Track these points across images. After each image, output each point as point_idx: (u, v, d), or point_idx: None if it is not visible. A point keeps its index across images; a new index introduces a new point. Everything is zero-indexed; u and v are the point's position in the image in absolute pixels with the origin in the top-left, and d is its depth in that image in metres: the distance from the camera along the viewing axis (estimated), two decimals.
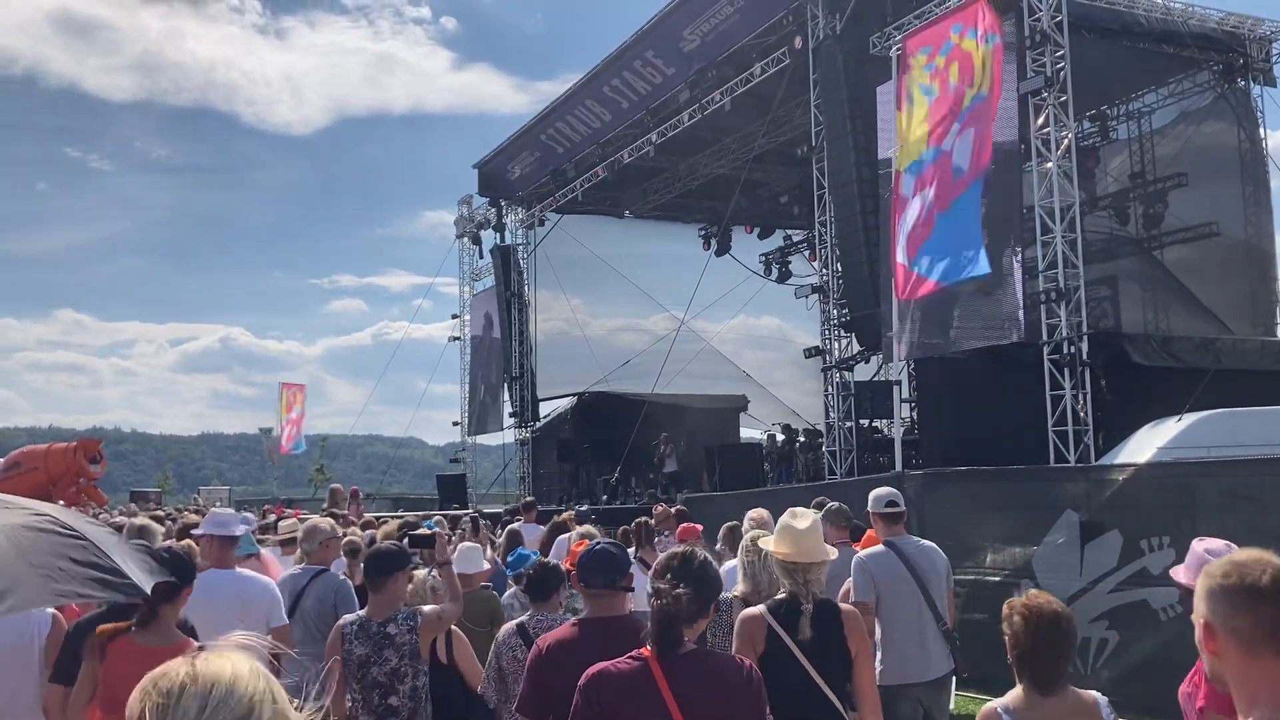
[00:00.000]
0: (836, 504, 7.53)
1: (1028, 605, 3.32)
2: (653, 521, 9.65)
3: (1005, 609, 3.39)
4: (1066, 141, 15.57)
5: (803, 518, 4.38)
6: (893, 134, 13.65)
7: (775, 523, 6.75)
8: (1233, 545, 3.75)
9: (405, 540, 5.72)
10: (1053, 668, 3.26)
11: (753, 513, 6.86)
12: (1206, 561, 3.74)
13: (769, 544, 4.44)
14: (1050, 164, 15.28)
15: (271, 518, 13.48)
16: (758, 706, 3.16)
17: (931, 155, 12.79)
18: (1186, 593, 3.91)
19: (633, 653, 3.16)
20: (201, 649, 4.35)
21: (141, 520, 8.68)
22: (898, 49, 14.41)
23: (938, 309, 15.01)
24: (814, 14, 18.89)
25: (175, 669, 1.54)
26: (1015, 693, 3.32)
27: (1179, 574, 3.96)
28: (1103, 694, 3.46)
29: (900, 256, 12.73)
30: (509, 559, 6.97)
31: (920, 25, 15.30)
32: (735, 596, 4.81)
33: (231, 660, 1.57)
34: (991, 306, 15.07)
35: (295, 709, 1.62)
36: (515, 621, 4.77)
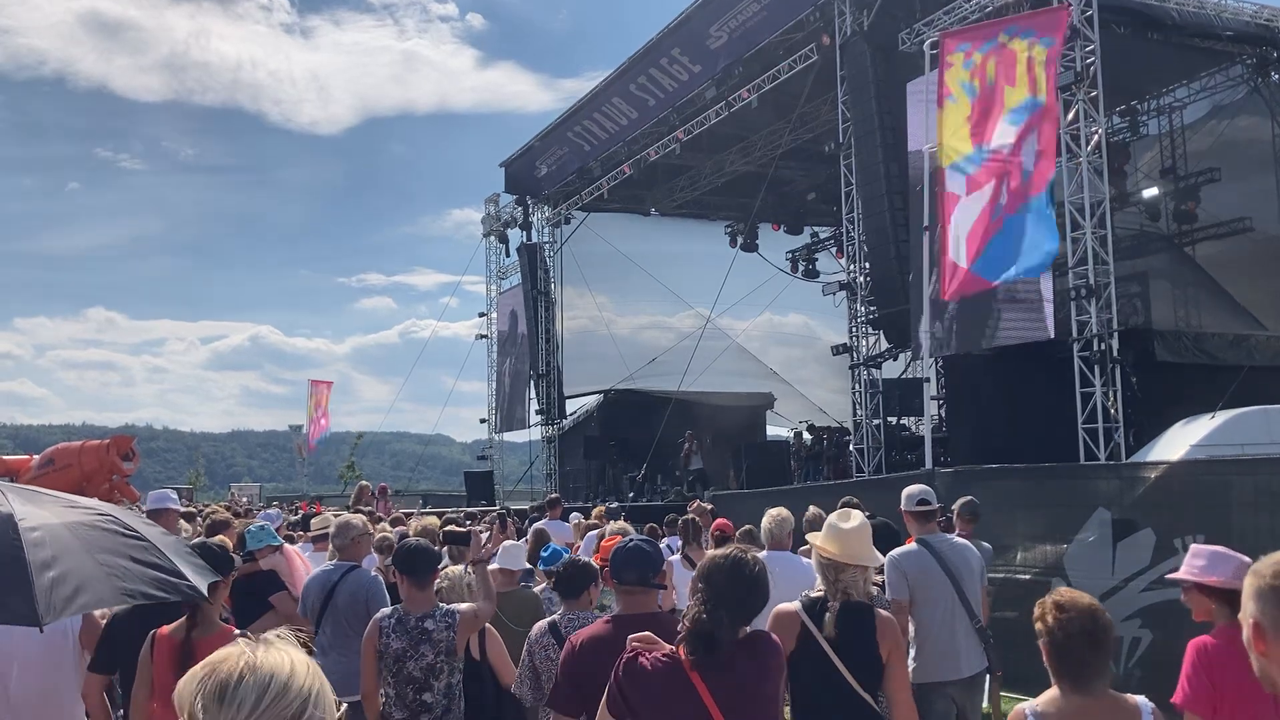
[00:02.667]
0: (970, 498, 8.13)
1: (1060, 601, 3.20)
2: (696, 519, 9.62)
3: (1037, 608, 3.26)
4: (1096, 137, 15.44)
5: (850, 519, 4.34)
6: (930, 130, 13.54)
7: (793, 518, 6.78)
8: (1228, 550, 3.77)
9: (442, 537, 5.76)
10: (1089, 666, 3.12)
11: (772, 511, 6.85)
12: (1219, 559, 3.74)
13: (817, 539, 4.40)
14: (1080, 159, 15.16)
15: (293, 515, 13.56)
16: (777, 674, 3.20)
17: (980, 153, 12.65)
18: (1199, 591, 3.87)
19: (668, 652, 3.14)
20: (241, 636, 4.47)
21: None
22: (932, 46, 14.31)
23: (973, 307, 14.91)
24: (841, 10, 18.82)
25: (234, 658, 1.54)
26: (1049, 694, 3.19)
27: (1183, 574, 3.91)
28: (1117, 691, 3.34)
29: (954, 255, 12.58)
30: (542, 554, 6.98)
31: (965, 26, 15.20)
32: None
33: (290, 654, 1.58)
34: (1023, 304, 14.97)
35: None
36: (547, 620, 4.74)
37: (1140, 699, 3.22)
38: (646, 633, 3.23)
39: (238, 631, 4.39)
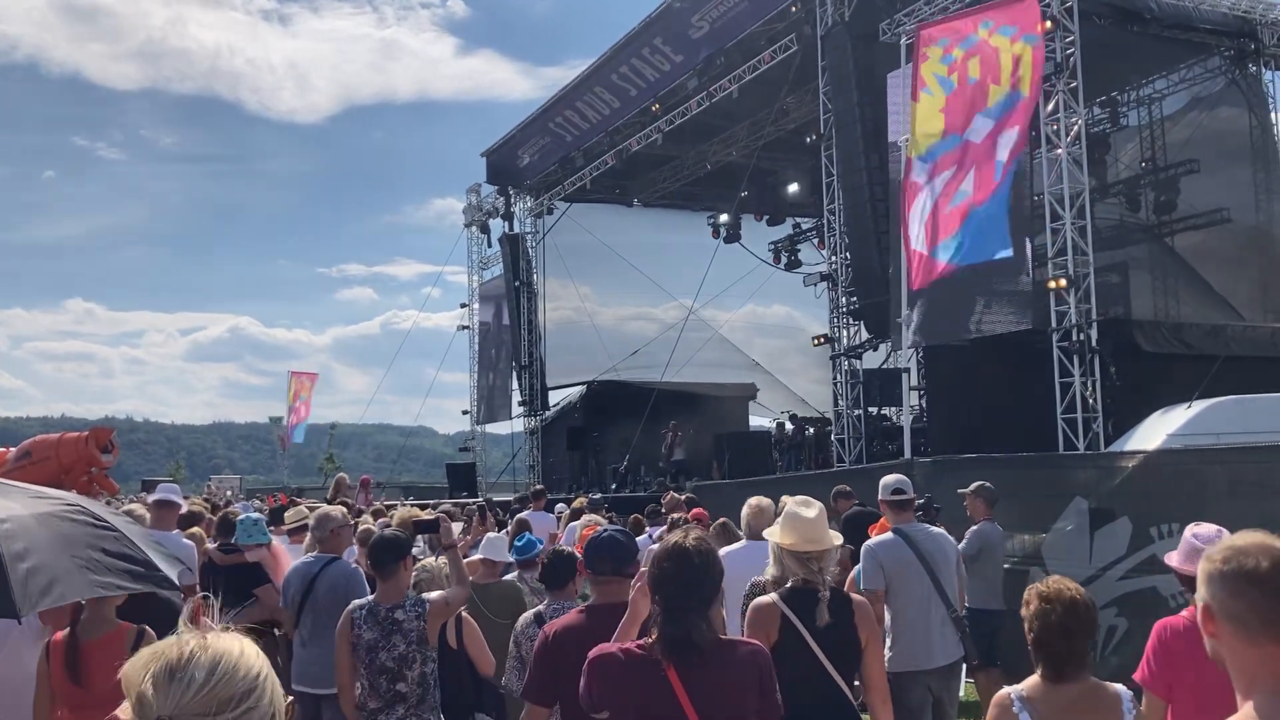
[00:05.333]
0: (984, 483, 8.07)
1: (1045, 590, 3.29)
2: (662, 509, 9.65)
3: (1025, 594, 3.36)
4: (1076, 128, 15.50)
5: (809, 506, 4.37)
6: (905, 121, 13.59)
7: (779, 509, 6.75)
8: (1224, 531, 3.75)
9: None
10: (1068, 654, 3.21)
11: (752, 500, 6.81)
12: (1197, 546, 3.77)
13: (774, 534, 4.43)
14: (1060, 151, 15.21)
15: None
16: (767, 688, 3.14)
17: (950, 145, 12.72)
18: (1183, 578, 3.92)
19: (642, 642, 3.12)
20: (143, 631, 4.34)
21: (128, 505, 8.89)
22: (909, 37, 14.33)
23: (951, 296, 14.97)
24: (822, 1, 18.82)
25: (183, 641, 1.59)
26: (1032, 680, 3.28)
27: (1172, 559, 3.97)
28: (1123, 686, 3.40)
29: (916, 244, 12.65)
30: (516, 544, 7.00)
31: (941, 18, 15.21)
32: (768, 580, 4.77)
33: (239, 640, 1.63)
34: (1003, 294, 15.03)
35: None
36: (533, 610, 4.72)
37: (1120, 687, 3.32)
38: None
39: (138, 627, 4.27)
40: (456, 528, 7.67)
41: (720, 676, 3.07)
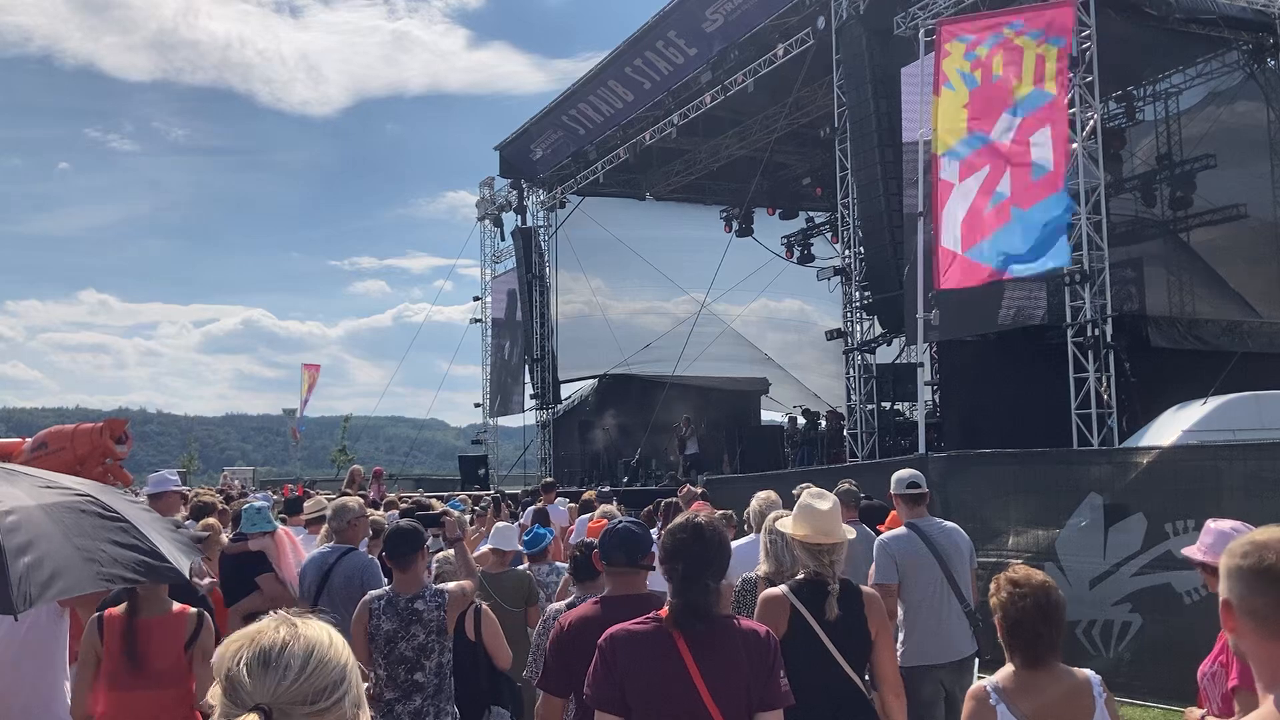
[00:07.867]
0: (848, 485, 7.61)
1: (1014, 578, 3.31)
2: (679, 503, 9.64)
3: (993, 585, 3.38)
4: (1092, 123, 15.42)
5: (823, 499, 4.37)
6: (924, 116, 13.49)
7: (785, 504, 6.74)
8: (1247, 525, 3.72)
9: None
10: (1039, 640, 3.22)
11: (761, 494, 6.79)
12: (1223, 538, 3.74)
13: (787, 525, 4.43)
14: (1076, 145, 15.13)
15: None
16: (772, 669, 3.17)
17: (977, 143, 12.60)
18: (1203, 570, 3.90)
19: (652, 614, 3.18)
20: (202, 616, 4.35)
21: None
22: (929, 32, 14.25)
23: (967, 292, 14.89)
24: None
25: (275, 627, 1.61)
26: (1005, 670, 3.30)
27: (1193, 552, 3.94)
28: (1106, 675, 3.40)
29: (949, 242, 12.50)
30: (524, 538, 7.05)
31: (964, 16, 15.11)
32: (760, 576, 4.80)
33: (327, 629, 1.65)
34: (1017, 289, 14.97)
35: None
36: (564, 601, 4.76)
37: (1089, 672, 3.33)
38: None
39: (194, 610, 4.35)
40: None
41: (727, 649, 3.12)
